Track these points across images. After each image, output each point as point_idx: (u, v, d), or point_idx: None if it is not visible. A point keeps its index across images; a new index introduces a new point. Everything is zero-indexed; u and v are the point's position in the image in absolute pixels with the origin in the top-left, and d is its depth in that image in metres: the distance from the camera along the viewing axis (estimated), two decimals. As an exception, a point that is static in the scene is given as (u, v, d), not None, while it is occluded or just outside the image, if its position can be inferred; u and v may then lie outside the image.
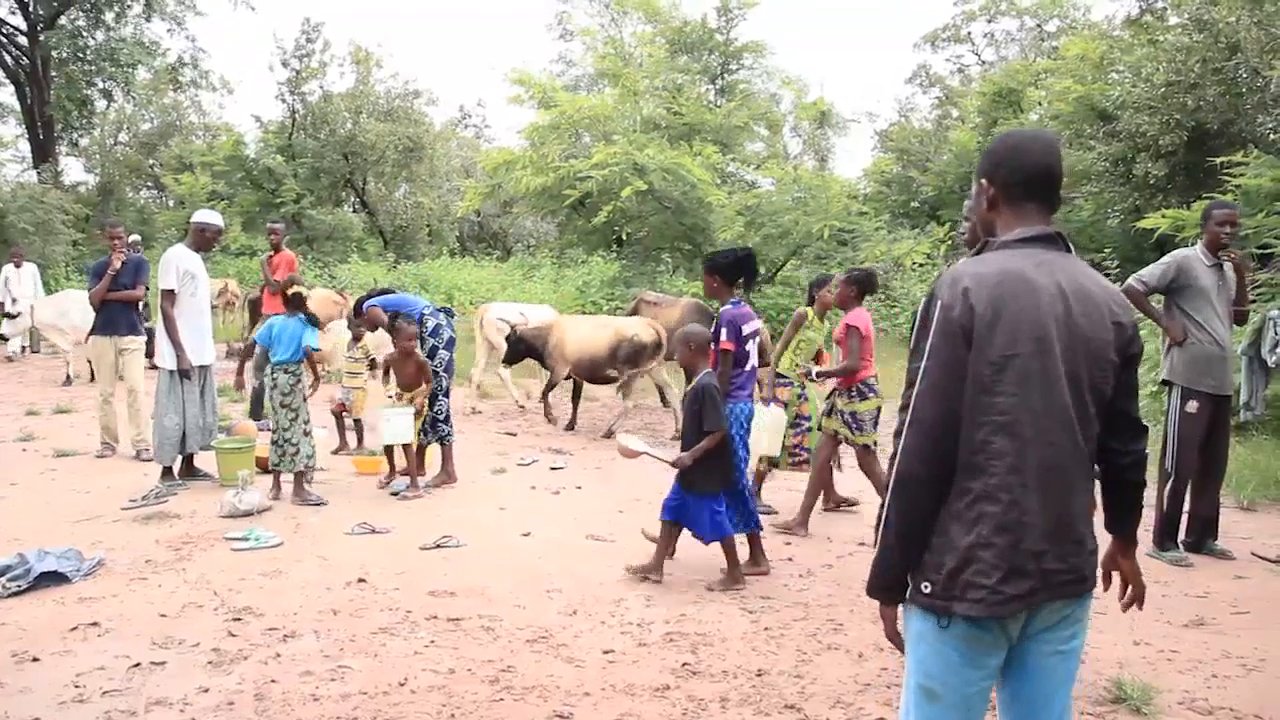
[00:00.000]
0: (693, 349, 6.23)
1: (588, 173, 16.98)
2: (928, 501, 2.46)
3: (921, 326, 2.49)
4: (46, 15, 31.32)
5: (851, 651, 5.09)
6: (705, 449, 6.02)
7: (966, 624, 2.43)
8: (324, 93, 36.03)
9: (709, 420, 6.04)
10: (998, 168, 2.60)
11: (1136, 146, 17.86)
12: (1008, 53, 37.59)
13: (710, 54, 27.32)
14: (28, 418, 11.87)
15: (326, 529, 7.26)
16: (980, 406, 2.39)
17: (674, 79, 24.92)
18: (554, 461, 9.78)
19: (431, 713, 4.33)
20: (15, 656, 4.89)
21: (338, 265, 29.37)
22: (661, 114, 22.46)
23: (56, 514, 7.55)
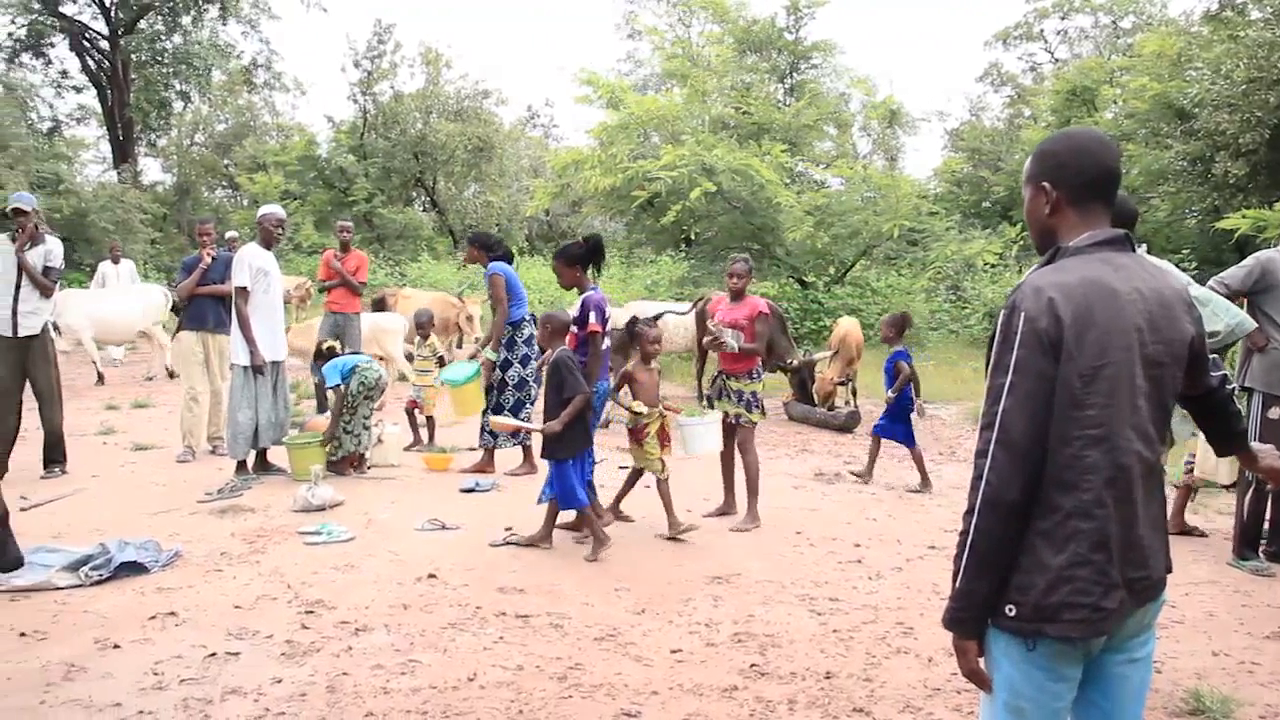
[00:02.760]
0: (550, 331, 6.92)
1: (657, 174, 16.95)
2: (1017, 524, 2.36)
3: (1003, 340, 2.39)
4: (127, 20, 32.02)
5: (921, 656, 5.05)
6: (572, 414, 6.58)
7: (1055, 643, 2.35)
8: (395, 93, 36.44)
9: (569, 387, 6.64)
10: (1062, 170, 2.50)
11: (1215, 145, 17.52)
12: (1081, 50, 37.00)
13: (779, 53, 27.17)
14: (107, 412, 12.14)
15: (397, 525, 7.34)
16: (1070, 420, 2.31)
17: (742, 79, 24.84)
18: (622, 461, 9.78)
19: (500, 708, 4.36)
20: (98, 643, 5.01)
21: (408, 264, 29.65)
22: (730, 114, 22.41)
23: (135, 506, 7.72)
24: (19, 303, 8.48)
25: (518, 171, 39.05)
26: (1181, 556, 6.64)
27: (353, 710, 4.32)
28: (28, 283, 8.48)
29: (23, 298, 8.49)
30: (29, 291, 8.50)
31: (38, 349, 8.59)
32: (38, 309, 8.57)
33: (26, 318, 8.50)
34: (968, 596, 2.42)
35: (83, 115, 37.52)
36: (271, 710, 4.30)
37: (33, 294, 8.51)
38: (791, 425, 12.34)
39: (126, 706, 4.31)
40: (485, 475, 8.81)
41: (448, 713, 4.31)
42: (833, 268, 20.32)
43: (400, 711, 4.31)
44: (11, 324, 8.47)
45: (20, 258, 8.46)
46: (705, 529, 7.38)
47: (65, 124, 36.36)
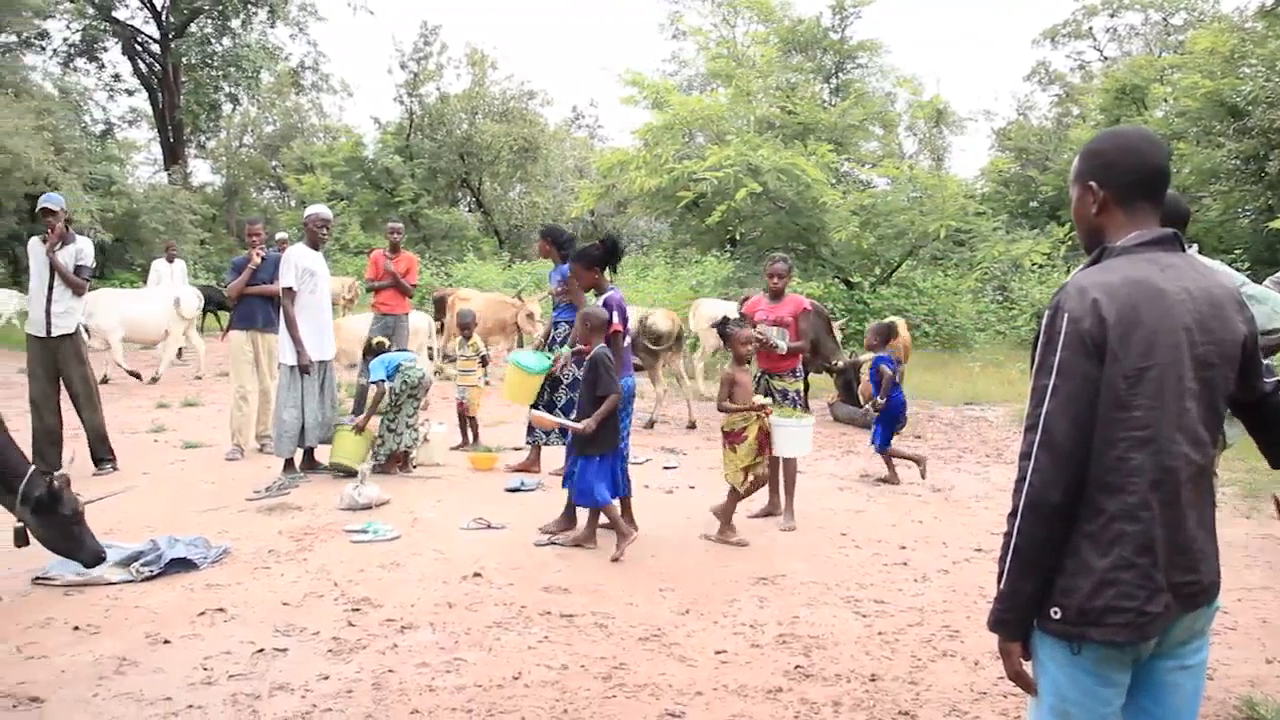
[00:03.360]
0: (591, 328, 6.88)
1: (703, 175, 16.93)
2: (1061, 526, 2.34)
3: (1047, 341, 2.36)
4: (177, 23, 32.45)
5: (967, 659, 5.01)
6: (605, 413, 6.60)
7: (1101, 647, 2.32)
8: (441, 94, 36.68)
9: (603, 385, 6.65)
10: (1109, 169, 2.47)
11: (1270, 143, 17.26)
12: (1131, 48, 36.57)
13: (824, 53, 27.07)
14: (158, 410, 12.29)
15: (443, 523, 7.38)
16: (1115, 422, 2.28)
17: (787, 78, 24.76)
18: (667, 461, 9.80)
19: (544, 708, 4.37)
20: (149, 638, 5.08)
21: (453, 264, 29.81)
22: (775, 114, 22.32)
23: (185, 503, 7.81)
24: (52, 303, 8.60)
25: (563, 172, 39.17)
26: (1235, 561, 6.57)
27: (398, 708, 4.35)
28: (60, 283, 8.60)
29: (55, 298, 8.61)
30: (61, 291, 8.62)
31: (70, 349, 8.70)
32: (70, 309, 8.69)
33: (60, 318, 8.63)
34: (1012, 598, 2.41)
35: (134, 118, 38.13)
36: (318, 707, 4.34)
37: (65, 294, 8.63)
38: (836, 426, 12.29)
39: (176, 701, 4.37)
40: (530, 475, 8.84)
41: (492, 711, 4.32)
42: (878, 268, 20.21)
43: (445, 709, 4.33)
44: (45, 324, 8.60)
45: (51, 258, 8.59)
46: (750, 529, 7.37)
47: (118, 126, 36.95)
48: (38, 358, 8.67)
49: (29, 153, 21.18)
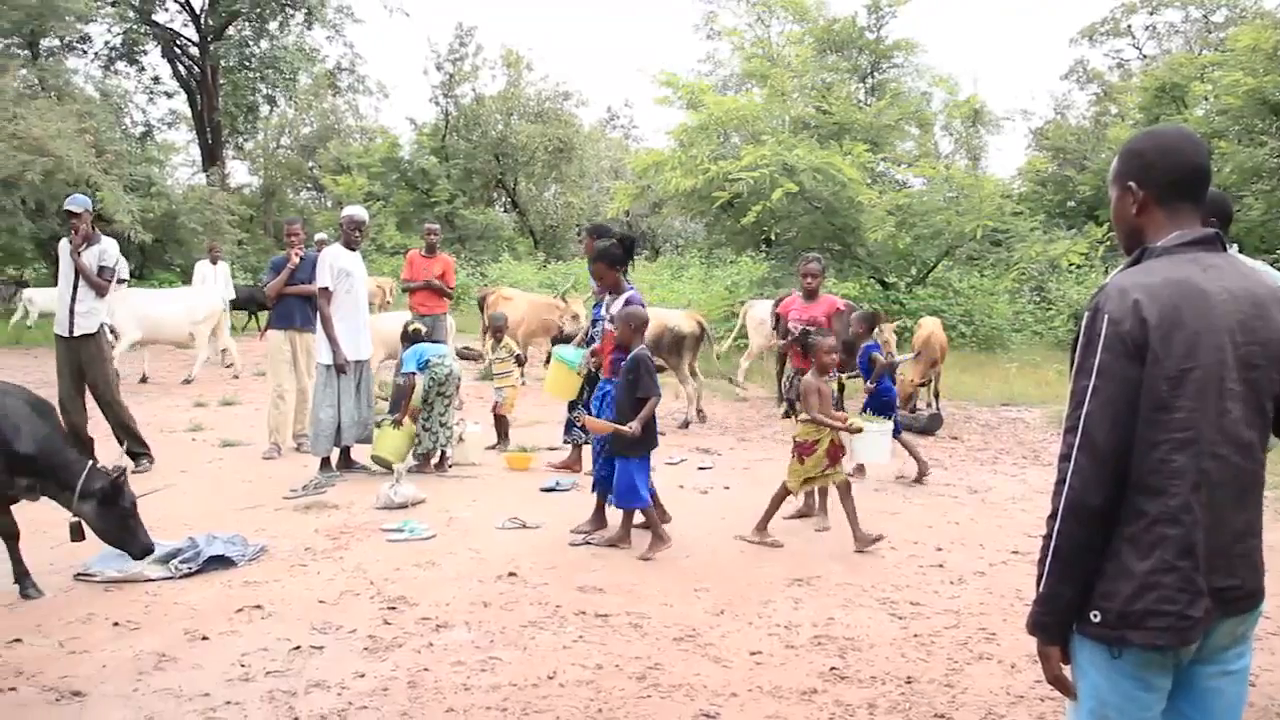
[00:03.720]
0: (633, 328, 6.82)
1: (738, 174, 16.90)
2: (1101, 529, 2.32)
3: (1087, 343, 2.34)
4: (216, 26, 32.74)
5: (1004, 662, 4.98)
6: (648, 415, 6.63)
7: (1141, 651, 2.30)
8: (476, 95, 36.83)
9: (644, 387, 6.65)
10: (1149, 169, 2.44)
11: (1314, 141, 17.03)
12: (1171, 46, 36.15)
13: (860, 52, 26.98)
14: (196, 409, 12.41)
15: (478, 523, 7.41)
16: (1156, 424, 2.26)
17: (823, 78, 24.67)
18: (702, 461, 9.79)
19: (579, 707, 4.38)
20: (187, 634, 5.14)
21: (489, 264, 29.91)
22: (810, 114, 22.24)
23: (223, 501, 7.89)
24: (76, 302, 8.72)
25: (598, 173, 39.23)
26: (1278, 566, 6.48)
27: (433, 706, 4.37)
28: (84, 283, 8.72)
29: (79, 297, 8.72)
30: (85, 291, 8.73)
31: (92, 348, 8.81)
32: (93, 309, 8.79)
33: (83, 317, 8.74)
34: (1051, 601, 2.40)
35: (173, 120, 38.43)
36: (354, 704, 4.37)
37: (89, 294, 8.74)
38: (872, 427, 12.23)
39: (214, 696, 4.41)
40: (567, 474, 8.86)
41: (527, 710, 4.34)
42: (914, 268, 20.10)
43: (480, 708, 4.35)
44: (69, 324, 8.72)
45: (75, 259, 8.71)
46: (785, 531, 7.35)
47: (157, 128, 37.27)
48: (63, 357, 8.82)
49: (71, 155, 21.42)
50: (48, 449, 5.67)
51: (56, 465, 5.69)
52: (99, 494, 5.64)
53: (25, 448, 5.55)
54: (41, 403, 5.96)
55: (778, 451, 9.70)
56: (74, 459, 5.77)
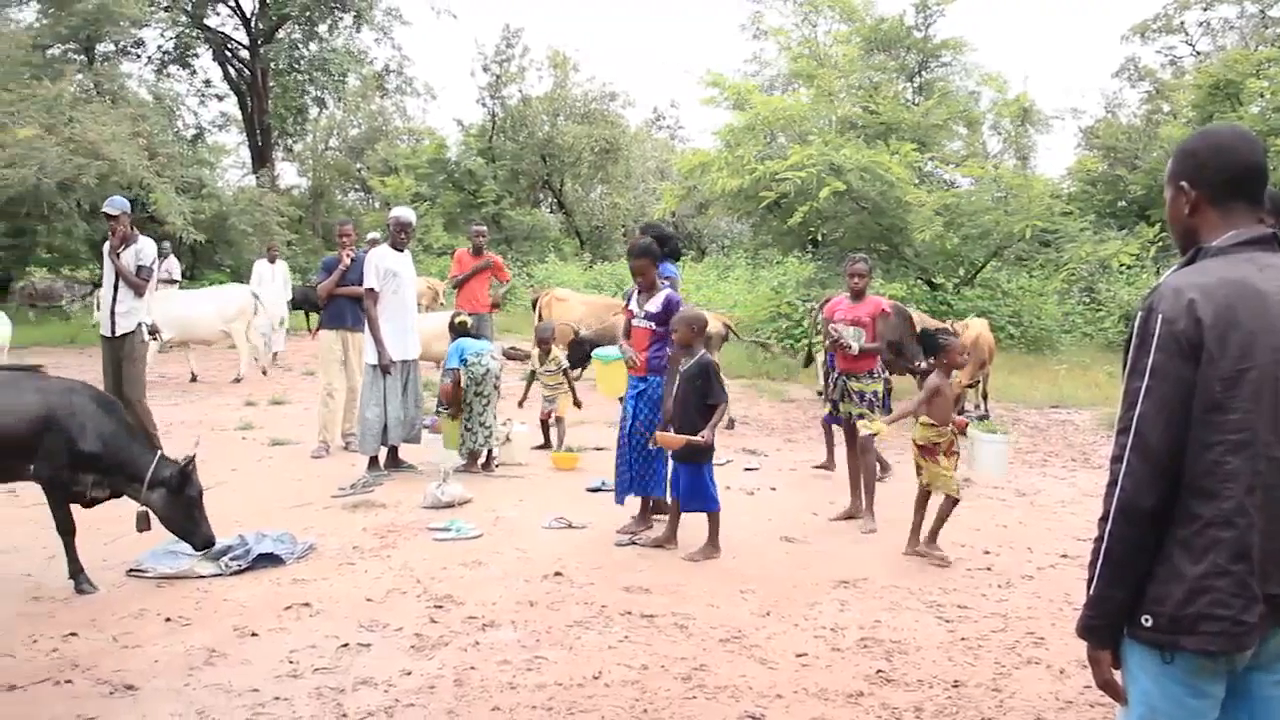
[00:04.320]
0: (695, 331, 6.74)
1: (785, 174, 16.82)
2: (1153, 531, 2.28)
3: (1140, 343, 2.31)
4: (266, 30, 33.09)
5: (1053, 667, 4.93)
6: (718, 422, 6.64)
7: (1194, 656, 2.26)
8: (523, 96, 36.93)
9: (714, 394, 6.64)
10: (1202, 169, 2.41)
11: (1373, 139, 16.71)
12: (1225, 42, 35.54)
13: (907, 51, 26.76)
14: (246, 408, 12.54)
15: (525, 523, 7.44)
16: (1211, 425, 2.22)
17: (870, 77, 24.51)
18: (748, 462, 9.77)
19: (624, 707, 4.39)
20: (237, 630, 5.21)
21: (535, 265, 30.01)
22: (857, 114, 22.10)
23: (272, 499, 7.97)
24: (116, 303, 8.87)
25: (644, 173, 39.22)
26: None
27: (479, 704, 4.40)
28: (123, 283, 8.86)
29: (119, 298, 8.88)
30: (125, 292, 8.89)
31: (129, 346, 8.96)
32: (133, 309, 8.95)
33: (123, 317, 8.90)
34: (1102, 604, 2.37)
35: (224, 122, 38.85)
36: (401, 702, 4.41)
37: (128, 294, 8.90)
38: (919, 429, 12.14)
39: (264, 692, 4.47)
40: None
41: (573, 710, 4.35)
42: (962, 269, 19.92)
43: (526, 707, 4.37)
44: (111, 324, 8.88)
45: (114, 261, 8.85)
46: (830, 532, 7.34)
47: (208, 131, 37.69)
48: (107, 356, 9.01)
49: (125, 158, 21.75)
50: (114, 444, 5.82)
51: (124, 459, 5.85)
52: (168, 482, 5.79)
53: (90, 446, 5.70)
54: (108, 399, 6.12)
55: (823, 452, 9.66)
56: (141, 451, 5.91)
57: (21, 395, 5.72)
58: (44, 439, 5.65)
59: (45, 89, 22.83)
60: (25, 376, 6.06)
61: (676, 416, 6.74)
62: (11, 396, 5.71)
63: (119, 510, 6.23)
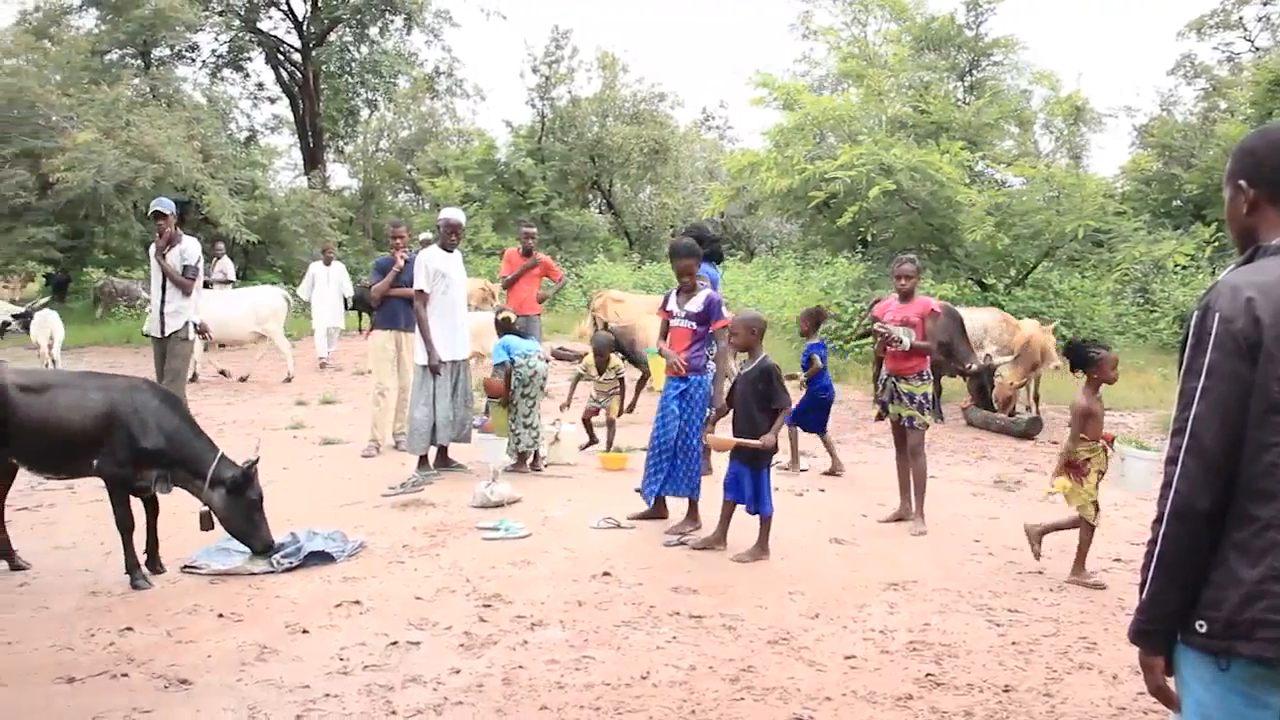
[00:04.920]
0: (756, 334, 6.74)
1: (834, 174, 16.74)
2: (1208, 534, 2.23)
3: (1196, 342, 2.27)
4: (317, 33, 33.42)
5: (1105, 672, 4.88)
6: (780, 426, 6.66)
7: (1250, 664, 2.20)
8: (572, 97, 36.99)
9: (777, 399, 6.61)
10: (1260, 167, 2.36)
11: None
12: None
13: (958, 50, 26.55)
14: (297, 407, 12.67)
15: (573, 522, 7.46)
16: (1269, 426, 2.17)
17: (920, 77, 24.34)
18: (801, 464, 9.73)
19: (672, 708, 4.39)
20: (288, 627, 5.26)
21: (584, 265, 30.07)
22: (907, 113, 21.96)
23: (323, 498, 8.05)
24: (164, 303, 8.99)
25: (693, 174, 39.16)
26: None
27: (527, 703, 4.41)
28: (171, 283, 8.98)
29: (167, 298, 9.01)
30: (172, 292, 9.01)
31: (175, 345, 9.09)
32: (180, 308, 9.09)
33: (171, 317, 9.06)
34: (1155, 608, 2.32)
35: (276, 125, 39.23)
36: (450, 700, 4.43)
37: (176, 294, 9.04)
38: (969, 431, 12.05)
39: (314, 689, 4.51)
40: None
41: (620, 710, 4.36)
42: (1014, 269, 19.73)
43: (574, 706, 4.38)
44: (160, 324, 9.00)
45: (160, 261, 8.97)
46: (880, 534, 7.30)
47: (260, 133, 38.07)
48: (157, 356, 9.16)
49: (180, 160, 22.08)
50: (177, 440, 5.94)
51: (187, 456, 5.96)
52: (228, 483, 5.87)
53: (152, 442, 5.84)
54: (171, 395, 6.24)
55: (872, 454, 9.63)
56: (204, 449, 6.01)
57: (87, 394, 5.89)
58: (107, 436, 5.78)
59: (103, 93, 23.28)
60: (89, 375, 6.28)
61: (737, 418, 6.73)
62: (78, 396, 5.88)
63: (172, 506, 6.32)
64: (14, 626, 5.28)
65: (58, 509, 7.74)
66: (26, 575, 6.13)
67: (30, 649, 4.97)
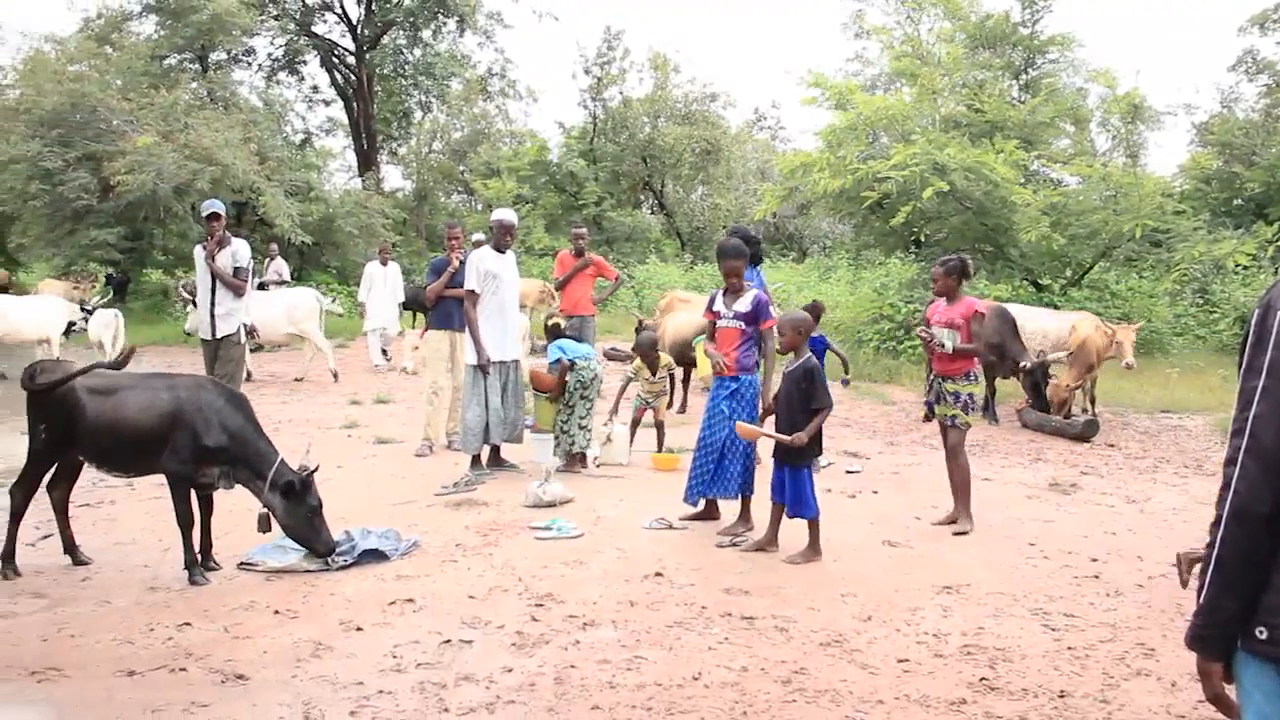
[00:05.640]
0: (802, 334, 6.76)
1: (887, 174, 16.65)
2: (1268, 537, 2.17)
3: (1257, 340, 2.22)
4: (371, 36, 33.74)
5: (1164, 679, 4.80)
6: (818, 426, 6.56)
7: None
8: (624, 98, 37.00)
9: (818, 399, 6.59)
10: None
11: None
12: (1354, 31, 34.22)
13: (1013, 48, 26.28)
14: (351, 407, 12.79)
15: (625, 523, 7.47)
16: None
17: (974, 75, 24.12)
18: (850, 465, 9.69)
19: (724, 709, 4.38)
20: (343, 625, 5.32)
21: (636, 266, 30.10)
22: (961, 112, 21.78)
23: (377, 497, 8.12)
24: (215, 305, 9.07)
25: (745, 174, 39.02)
26: None
27: (579, 703, 4.43)
28: (221, 285, 9.07)
29: (218, 300, 9.10)
30: (223, 294, 9.11)
31: (228, 348, 9.18)
32: (232, 310, 9.18)
33: (222, 319, 9.14)
34: (1213, 613, 2.27)
35: (331, 127, 39.64)
36: (502, 698, 4.46)
37: (227, 296, 9.13)
38: (1024, 433, 11.92)
39: (368, 686, 4.56)
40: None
41: (672, 710, 4.36)
42: (1069, 270, 19.51)
43: (626, 706, 4.39)
44: (210, 326, 9.10)
45: (210, 264, 9.05)
46: (933, 537, 7.24)
47: (315, 135, 38.49)
48: (208, 359, 9.24)
49: (237, 163, 22.41)
50: (241, 438, 6.06)
51: (250, 454, 6.07)
52: (287, 487, 5.94)
53: (215, 440, 5.97)
54: (237, 395, 6.34)
55: (926, 455, 9.56)
56: (266, 450, 6.12)
57: (157, 394, 6.05)
58: (172, 433, 5.90)
59: (162, 97, 23.68)
60: (156, 376, 6.46)
61: (780, 417, 6.75)
62: (149, 396, 6.04)
63: (229, 504, 6.41)
64: (77, 620, 5.38)
65: (118, 506, 7.88)
66: (89, 570, 6.25)
67: (93, 642, 5.07)
